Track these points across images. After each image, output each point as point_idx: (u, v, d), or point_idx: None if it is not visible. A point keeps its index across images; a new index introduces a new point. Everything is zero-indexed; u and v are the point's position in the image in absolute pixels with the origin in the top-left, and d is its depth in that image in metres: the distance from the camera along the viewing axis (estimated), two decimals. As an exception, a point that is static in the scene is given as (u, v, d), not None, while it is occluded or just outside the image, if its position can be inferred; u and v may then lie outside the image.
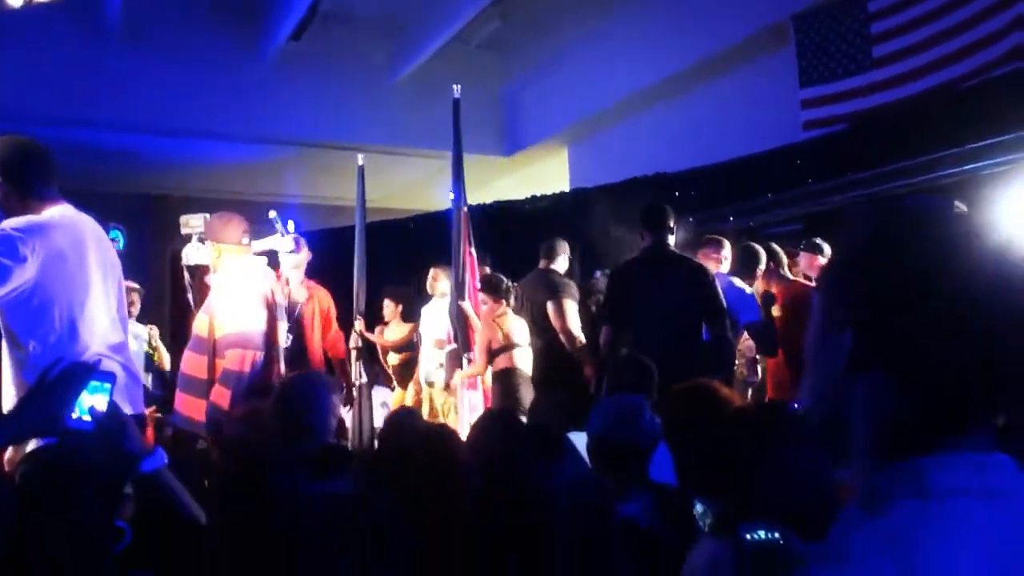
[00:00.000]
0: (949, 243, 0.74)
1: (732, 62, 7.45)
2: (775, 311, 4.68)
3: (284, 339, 3.82)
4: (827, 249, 5.49)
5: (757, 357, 4.90)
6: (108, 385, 1.57)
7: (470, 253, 5.03)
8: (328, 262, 5.01)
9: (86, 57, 7.85)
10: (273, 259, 4.52)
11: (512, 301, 4.89)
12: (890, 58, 5.99)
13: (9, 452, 2.22)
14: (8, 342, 2.32)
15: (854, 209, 4.89)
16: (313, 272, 5.00)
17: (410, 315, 6.37)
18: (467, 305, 4.88)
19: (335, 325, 5.26)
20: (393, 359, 6.49)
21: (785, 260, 4.97)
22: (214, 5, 8.55)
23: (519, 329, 4.81)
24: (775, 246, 5.03)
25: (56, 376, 1.50)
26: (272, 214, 4.51)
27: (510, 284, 4.91)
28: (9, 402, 2.32)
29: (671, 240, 4.25)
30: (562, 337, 4.86)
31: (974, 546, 0.68)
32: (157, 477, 1.56)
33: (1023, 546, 0.69)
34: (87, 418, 1.53)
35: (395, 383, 6.41)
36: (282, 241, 4.45)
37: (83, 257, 2.40)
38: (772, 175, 6.35)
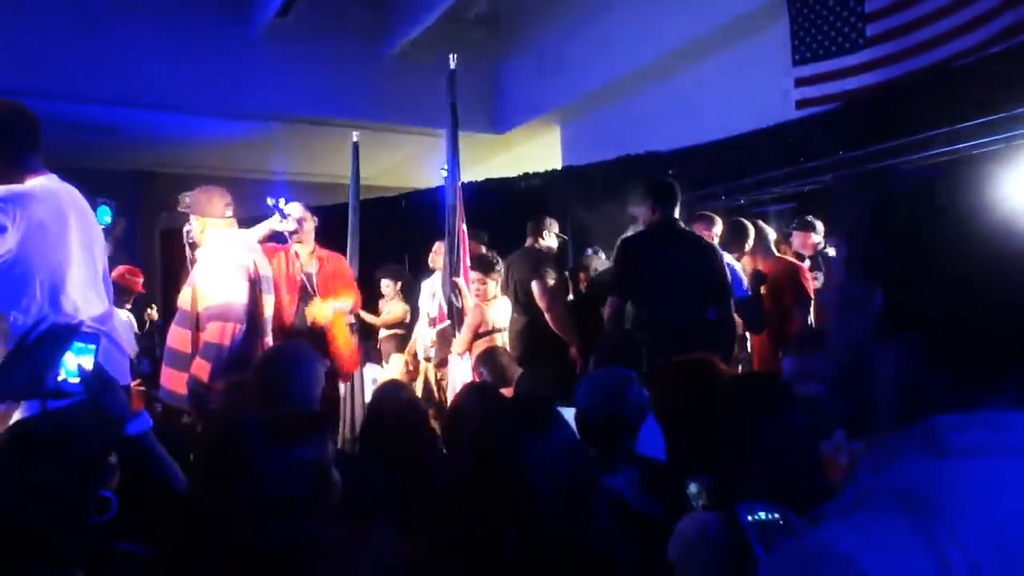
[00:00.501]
0: (966, 212, 0.75)
1: (726, 40, 7.40)
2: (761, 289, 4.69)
3: (270, 312, 3.78)
4: (820, 227, 5.50)
5: (747, 334, 4.91)
6: (93, 347, 1.58)
7: (462, 229, 5.00)
8: (319, 240, 4.95)
9: (74, 30, 7.74)
10: (280, 236, 4.47)
11: (499, 280, 4.89)
12: (884, 36, 5.95)
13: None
14: (-11, 311, 2.31)
15: (845, 182, 4.89)
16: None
17: (407, 293, 6.37)
18: (461, 281, 4.87)
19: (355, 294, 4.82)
20: (382, 334, 6.50)
21: (772, 237, 4.97)
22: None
23: (504, 314, 4.84)
24: (762, 223, 5.03)
25: (37, 338, 1.50)
26: (271, 201, 4.43)
27: (500, 262, 4.92)
28: None
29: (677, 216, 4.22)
30: (547, 316, 4.86)
31: (990, 503, 0.67)
32: (142, 440, 1.58)
33: None
34: (73, 379, 1.53)
35: (384, 360, 6.42)
36: (283, 223, 4.39)
37: (64, 228, 2.39)
38: (765, 154, 6.34)
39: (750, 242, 4.86)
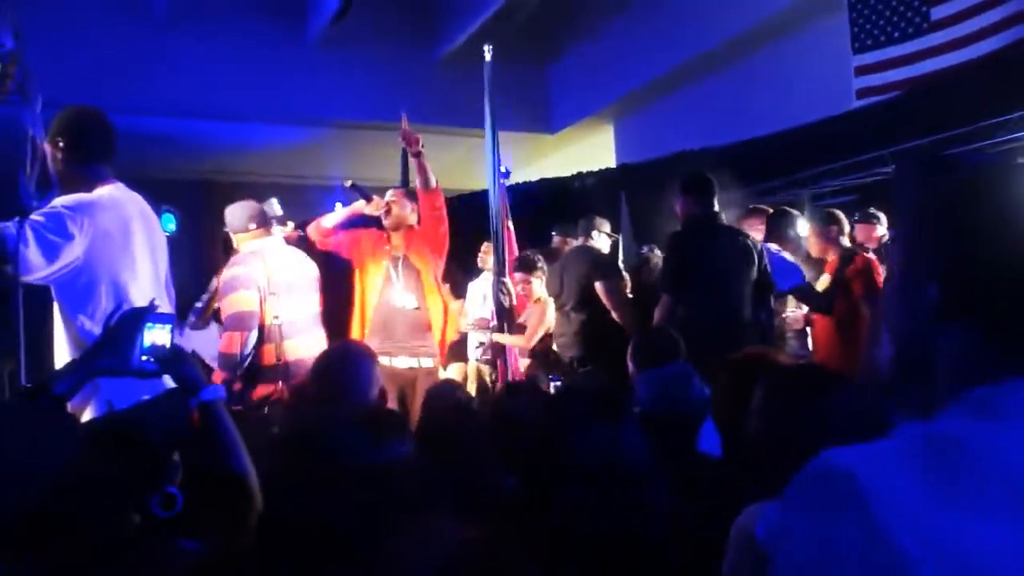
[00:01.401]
0: (1012, 201, 0.76)
1: (783, 29, 7.25)
2: (826, 280, 4.54)
3: (296, 315, 3.80)
4: (883, 218, 5.33)
5: (807, 330, 4.78)
6: (168, 325, 1.69)
7: (508, 227, 4.99)
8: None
9: (133, 42, 8.00)
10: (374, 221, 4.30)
11: (543, 279, 4.88)
12: (949, 20, 5.74)
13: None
14: (61, 317, 2.39)
15: (906, 169, 4.72)
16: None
17: (457, 289, 6.38)
18: (509, 281, 4.87)
19: (437, 283, 4.36)
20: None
21: (847, 228, 4.79)
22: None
23: (553, 315, 4.84)
24: (840, 214, 4.86)
25: (118, 321, 1.59)
26: (348, 183, 4.29)
27: (542, 261, 4.90)
28: None
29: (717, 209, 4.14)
30: (616, 315, 4.82)
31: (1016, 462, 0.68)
32: (214, 407, 1.66)
33: None
34: (151, 357, 1.67)
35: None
36: (370, 208, 4.22)
37: (128, 236, 2.46)
38: (824, 145, 6.18)
39: (796, 230, 4.71)
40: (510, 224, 5.02)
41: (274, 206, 4.45)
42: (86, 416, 2.16)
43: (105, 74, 7.65)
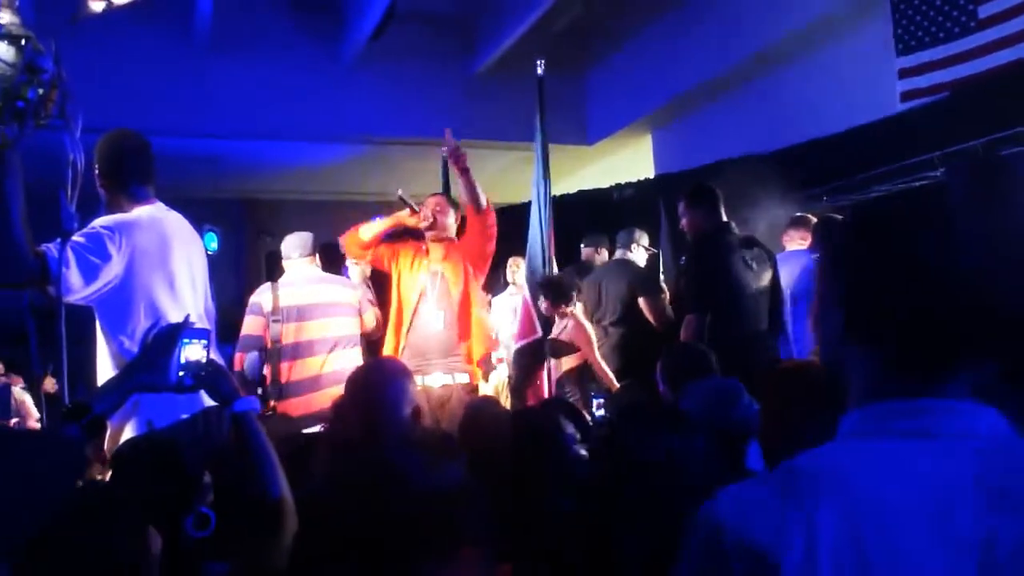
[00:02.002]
0: (896, 242, 0.82)
1: (824, 34, 7.11)
2: None
3: (309, 336, 4.15)
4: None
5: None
6: (204, 340, 1.73)
7: (551, 236, 4.95)
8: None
9: (174, 66, 8.16)
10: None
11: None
12: (999, 17, 5.54)
13: (107, 443, 2.31)
14: (103, 335, 2.42)
15: (958, 173, 4.60)
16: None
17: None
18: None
19: (473, 297, 4.21)
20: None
21: None
22: (295, 8, 8.79)
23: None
24: None
25: (154, 337, 1.64)
26: (399, 192, 4.26)
27: (566, 281, 4.84)
28: None
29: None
30: (660, 330, 4.75)
31: (895, 481, 0.73)
32: (248, 418, 1.69)
33: (948, 485, 0.73)
34: (187, 372, 1.70)
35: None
36: (413, 218, 4.16)
37: (166, 255, 2.48)
38: (869, 151, 6.03)
39: None
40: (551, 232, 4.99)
41: None
42: (127, 434, 2.17)
43: (147, 97, 7.81)
